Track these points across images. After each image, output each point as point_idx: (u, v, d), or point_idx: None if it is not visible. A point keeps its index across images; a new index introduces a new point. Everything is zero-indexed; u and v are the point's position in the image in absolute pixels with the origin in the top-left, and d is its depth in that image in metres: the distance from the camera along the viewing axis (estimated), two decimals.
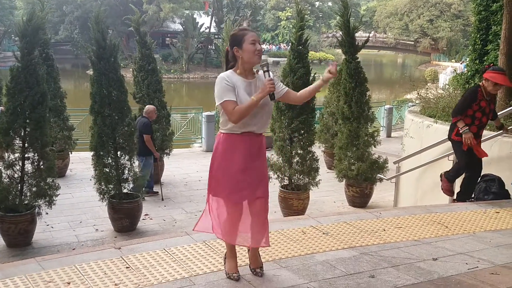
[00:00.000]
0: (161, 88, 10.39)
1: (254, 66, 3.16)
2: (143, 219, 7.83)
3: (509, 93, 6.88)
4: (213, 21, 51.82)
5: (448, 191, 5.77)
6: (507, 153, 5.89)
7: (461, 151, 5.40)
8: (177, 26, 52.50)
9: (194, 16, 50.99)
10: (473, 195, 5.84)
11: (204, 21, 51.78)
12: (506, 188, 5.69)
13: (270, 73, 3.09)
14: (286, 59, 8.38)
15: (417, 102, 9.38)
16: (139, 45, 10.30)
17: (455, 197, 5.86)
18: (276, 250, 3.73)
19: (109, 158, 7.25)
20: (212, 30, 51.74)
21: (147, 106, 9.33)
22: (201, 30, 50.35)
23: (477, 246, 3.94)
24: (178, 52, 48.27)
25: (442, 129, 7.01)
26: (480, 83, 5.40)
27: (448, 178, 5.72)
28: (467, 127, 5.26)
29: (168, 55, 49.19)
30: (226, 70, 3.21)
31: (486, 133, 6.25)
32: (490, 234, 4.26)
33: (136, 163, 8.05)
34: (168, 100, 10.82)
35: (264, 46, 62.95)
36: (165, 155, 10.30)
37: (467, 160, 5.39)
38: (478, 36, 8.60)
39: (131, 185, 7.48)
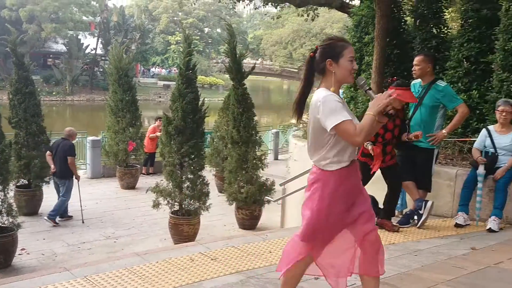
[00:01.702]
0: (40, 112, 9.84)
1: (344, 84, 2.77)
2: (19, 254, 7.25)
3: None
4: (99, 42, 50.34)
5: (391, 228, 5.22)
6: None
7: (367, 171, 5.06)
8: (60, 47, 50.18)
9: (79, 37, 49.15)
10: None
11: (90, 42, 50.13)
12: (379, 206, 6.11)
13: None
14: None
15: (300, 126, 9.83)
16: (15, 66, 9.70)
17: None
18: (163, 281, 3.64)
19: None
20: (99, 51, 50.27)
21: (68, 128, 9.56)
22: (87, 52, 48.68)
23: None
24: (61, 73, 46.05)
25: None
26: None
27: (383, 217, 5.29)
28: (370, 143, 5.00)
29: (50, 76, 46.72)
30: (307, 80, 2.75)
31: None
32: None
33: (11, 193, 7.49)
34: (49, 124, 10.29)
35: (154, 70, 62.48)
36: (44, 183, 9.68)
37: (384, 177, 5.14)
38: None
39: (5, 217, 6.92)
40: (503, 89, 6.34)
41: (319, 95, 2.64)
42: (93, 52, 49.29)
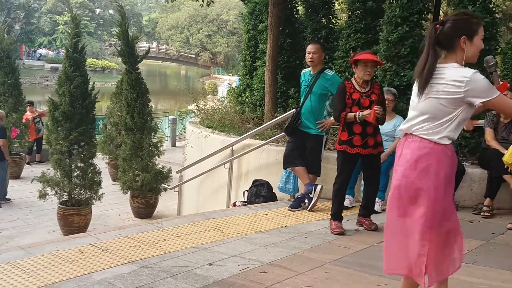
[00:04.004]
0: None
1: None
2: None
3: (274, 106, 7.65)
4: None
5: (339, 229, 4.76)
6: (273, 159, 6.53)
7: (341, 161, 4.83)
8: None
9: None
10: (246, 199, 6.34)
11: None
12: (273, 191, 6.31)
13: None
14: None
15: (197, 113, 9.80)
16: None
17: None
18: (49, 274, 3.46)
19: None
20: None
21: None
22: None
23: (248, 247, 4.25)
24: None
25: (218, 139, 7.46)
26: (353, 78, 4.83)
27: (332, 215, 4.88)
28: (353, 114, 4.63)
29: None
30: (434, 55, 2.54)
31: (255, 142, 6.87)
32: (260, 235, 4.65)
33: None
34: None
35: (41, 51, 58.60)
36: None
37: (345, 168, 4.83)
38: (248, 53, 9.39)
39: None
40: (386, 78, 6.77)
41: (464, 70, 2.51)
42: None
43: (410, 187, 2.57)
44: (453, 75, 2.51)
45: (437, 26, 2.59)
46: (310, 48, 5.44)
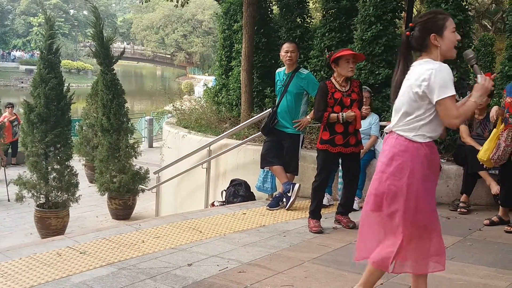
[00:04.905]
0: None
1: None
2: None
3: (250, 105, 7.69)
4: None
5: (318, 228, 4.80)
6: (251, 159, 6.56)
7: (322, 160, 4.88)
8: None
9: None
10: (224, 199, 6.36)
11: None
12: (251, 190, 6.34)
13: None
14: None
15: (174, 113, 9.78)
16: None
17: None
18: (28, 278, 3.44)
19: None
20: None
21: None
22: None
23: (227, 247, 4.26)
24: None
25: (195, 139, 7.46)
26: (332, 77, 4.83)
27: (310, 213, 4.93)
28: (336, 115, 4.66)
29: None
30: (406, 61, 2.64)
31: (233, 142, 6.89)
32: (238, 235, 4.66)
33: None
34: None
35: (15, 53, 57.65)
36: None
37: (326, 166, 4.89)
38: (223, 52, 9.40)
39: None
40: (361, 77, 6.86)
41: (432, 64, 2.53)
42: None
43: (385, 183, 2.63)
44: (423, 67, 2.56)
45: (407, 33, 2.67)
46: (287, 47, 5.44)
